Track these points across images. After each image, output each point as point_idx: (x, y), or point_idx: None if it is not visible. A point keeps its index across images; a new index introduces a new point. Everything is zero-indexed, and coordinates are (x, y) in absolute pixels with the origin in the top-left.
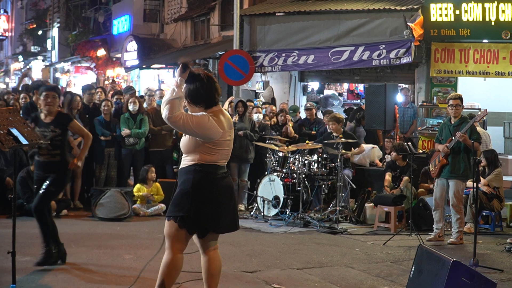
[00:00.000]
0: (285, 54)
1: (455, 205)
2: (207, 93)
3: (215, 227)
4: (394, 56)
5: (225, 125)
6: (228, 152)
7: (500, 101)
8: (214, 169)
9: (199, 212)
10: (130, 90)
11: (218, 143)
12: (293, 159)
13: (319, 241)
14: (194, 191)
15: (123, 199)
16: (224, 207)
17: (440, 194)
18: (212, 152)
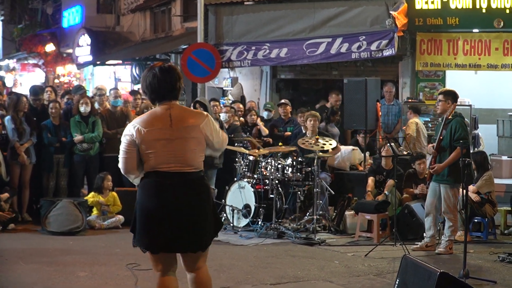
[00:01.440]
0: (255, 47)
1: (446, 212)
2: (153, 87)
3: (149, 246)
4: (376, 48)
5: (155, 123)
6: (170, 154)
7: (493, 97)
8: (151, 177)
9: (138, 229)
10: (79, 90)
11: (147, 144)
12: (265, 163)
13: (294, 253)
14: (137, 205)
15: (76, 210)
16: (163, 221)
17: (431, 199)
18: (148, 158)
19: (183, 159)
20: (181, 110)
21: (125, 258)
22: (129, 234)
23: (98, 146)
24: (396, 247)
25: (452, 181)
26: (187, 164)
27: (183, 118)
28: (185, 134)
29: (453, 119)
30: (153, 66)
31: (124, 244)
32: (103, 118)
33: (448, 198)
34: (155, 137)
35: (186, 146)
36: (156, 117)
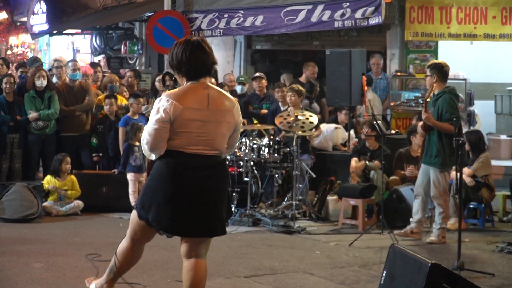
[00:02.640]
0: (228, 15)
1: (436, 198)
2: (187, 62)
3: (167, 228)
4: (361, 16)
5: (193, 102)
6: (202, 136)
7: (490, 70)
8: (176, 158)
9: (151, 208)
10: (35, 62)
11: (180, 122)
12: (239, 143)
13: (271, 242)
14: (150, 178)
15: (31, 195)
16: (185, 205)
17: (420, 180)
18: (175, 136)
19: (212, 142)
20: (218, 92)
21: (84, 247)
22: (89, 221)
23: (55, 124)
24: (384, 236)
25: (440, 164)
26: (214, 148)
27: (219, 100)
28: (220, 117)
29: (440, 96)
30: (188, 40)
31: (83, 232)
32: (60, 93)
33: (438, 181)
34: (191, 117)
35: (218, 130)
36: (194, 95)
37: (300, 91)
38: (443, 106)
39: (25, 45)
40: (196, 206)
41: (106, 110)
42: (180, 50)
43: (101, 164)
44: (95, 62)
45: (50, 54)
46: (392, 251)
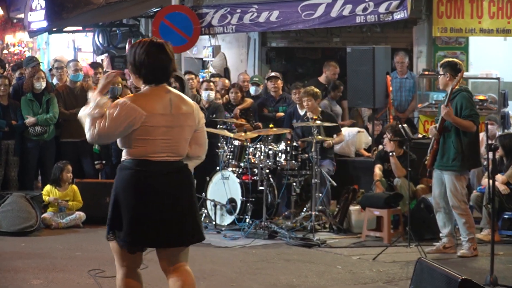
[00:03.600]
0: (241, 10)
1: (455, 206)
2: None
3: (141, 242)
4: (385, 11)
5: (157, 108)
6: (166, 143)
7: None
8: (141, 166)
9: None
10: (32, 62)
11: (145, 130)
12: (253, 149)
13: (289, 257)
14: (115, 194)
15: (28, 206)
16: (155, 215)
17: (438, 191)
18: (140, 144)
19: (176, 148)
20: (178, 95)
21: (86, 262)
22: (91, 234)
23: (54, 129)
24: (410, 249)
25: (459, 167)
26: (177, 154)
27: (181, 104)
28: (183, 121)
29: (457, 94)
30: (151, 41)
31: (86, 246)
32: (60, 95)
33: (455, 188)
34: (156, 124)
35: (182, 135)
36: (157, 100)
37: (316, 93)
38: (462, 102)
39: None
40: (167, 215)
41: None
42: (143, 50)
43: (104, 172)
44: (97, 62)
45: (49, 53)
46: (419, 265)
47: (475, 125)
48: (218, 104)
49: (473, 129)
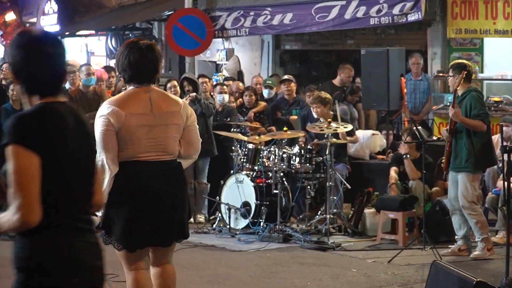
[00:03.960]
0: (254, 13)
1: (465, 206)
2: (137, 66)
3: (132, 242)
4: (399, 12)
5: (135, 107)
6: (151, 142)
7: None
8: (131, 168)
9: (115, 228)
10: None
11: (126, 130)
12: (268, 152)
13: (303, 260)
14: (109, 200)
15: None
16: (139, 214)
17: (453, 193)
18: (125, 146)
19: (164, 147)
20: (161, 93)
21: None
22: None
23: None
24: (426, 252)
25: (472, 167)
26: (167, 152)
27: (164, 102)
28: (167, 120)
29: (466, 95)
30: (135, 42)
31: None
32: (72, 99)
33: (465, 189)
34: (136, 123)
35: (168, 133)
36: (135, 100)
37: (325, 99)
38: (471, 101)
39: None
40: (154, 215)
41: None
42: (124, 51)
43: None
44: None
45: None
46: (434, 268)
47: (484, 124)
48: (231, 108)
49: (483, 129)
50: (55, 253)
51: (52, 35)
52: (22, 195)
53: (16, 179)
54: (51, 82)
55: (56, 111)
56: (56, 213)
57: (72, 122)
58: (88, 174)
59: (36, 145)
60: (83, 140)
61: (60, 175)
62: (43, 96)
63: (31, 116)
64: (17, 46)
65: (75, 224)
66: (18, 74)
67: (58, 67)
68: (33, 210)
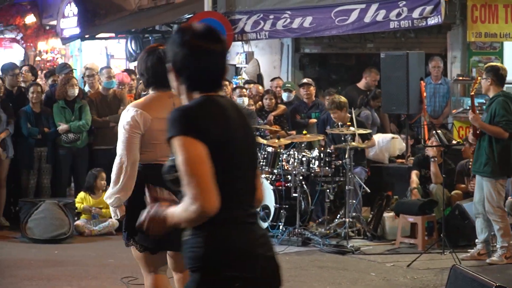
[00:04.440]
0: (274, 16)
1: (490, 212)
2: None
3: (152, 243)
4: (419, 16)
5: (160, 111)
6: None
7: None
8: (151, 170)
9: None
10: (64, 69)
11: (151, 134)
12: (287, 155)
13: (322, 264)
14: (131, 200)
15: (61, 213)
16: None
17: (478, 197)
18: (148, 149)
19: None
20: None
21: (119, 270)
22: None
23: (87, 136)
24: (445, 256)
25: (490, 173)
26: None
27: None
28: None
29: (495, 99)
30: (154, 47)
31: (118, 253)
32: (92, 102)
33: (490, 194)
34: (160, 127)
35: None
36: (159, 104)
37: (340, 103)
38: (496, 107)
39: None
40: None
41: None
42: (144, 58)
43: None
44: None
45: (82, 60)
46: (454, 272)
47: (505, 132)
48: (251, 111)
49: (503, 136)
50: (234, 247)
51: (213, 30)
52: (198, 184)
53: (189, 169)
54: (213, 78)
55: (219, 103)
56: (231, 206)
57: (234, 114)
58: (253, 166)
59: (203, 135)
60: (245, 132)
61: (230, 165)
62: (204, 92)
63: (196, 107)
64: (179, 44)
65: (247, 217)
66: (180, 71)
67: (220, 63)
68: (211, 199)
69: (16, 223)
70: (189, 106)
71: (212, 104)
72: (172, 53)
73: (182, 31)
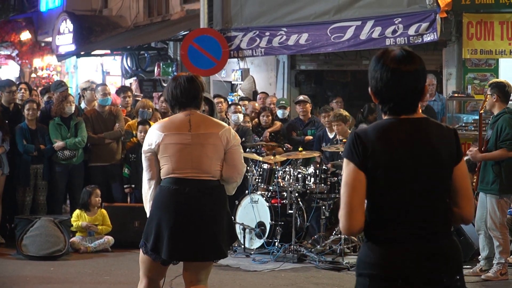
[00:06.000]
0: (270, 33)
1: (491, 229)
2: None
3: (160, 252)
4: (414, 33)
5: (173, 127)
6: (186, 159)
7: None
8: (168, 183)
9: (151, 238)
10: (60, 87)
11: (163, 148)
12: (283, 172)
13: (318, 280)
14: (151, 210)
15: (57, 231)
16: (177, 228)
17: (480, 213)
18: (165, 162)
19: (199, 165)
20: (202, 117)
21: (115, 287)
22: (120, 258)
23: (83, 153)
24: None
25: (497, 190)
26: (203, 171)
27: (203, 124)
28: (203, 140)
29: (500, 116)
30: (178, 76)
31: (114, 270)
32: (88, 119)
33: (493, 211)
34: (172, 141)
35: (202, 152)
36: (175, 122)
37: (345, 117)
38: (503, 125)
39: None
40: (190, 231)
41: (140, 137)
42: (168, 85)
43: (133, 196)
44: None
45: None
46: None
47: (509, 151)
48: (246, 128)
49: (508, 156)
50: (391, 260)
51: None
52: (343, 206)
53: (342, 190)
54: (408, 100)
55: (391, 127)
56: (388, 225)
57: (415, 137)
58: (428, 188)
59: (360, 161)
60: (422, 155)
61: (390, 190)
62: (399, 114)
63: (360, 133)
64: (379, 66)
65: (411, 236)
66: (377, 94)
67: (414, 84)
68: (351, 219)
69: (12, 240)
70: (358, 130)
71: (380, 129)
72: (373, 75)
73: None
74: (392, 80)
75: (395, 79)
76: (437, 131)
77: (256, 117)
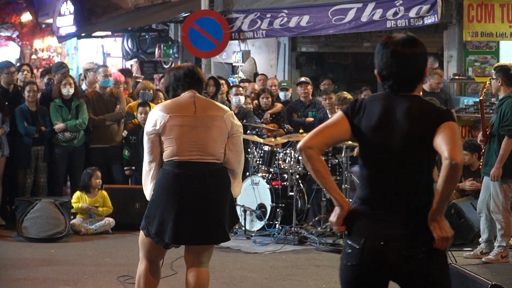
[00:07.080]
0: (271, 15)
1: (494, 212)
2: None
3: (164, 236)
4: (415, 15)
5: (178, 109)
6: (191, 141)
7: None
8: (172, 167)
9: (154, 221)
10: (61, 68)
11: (168, 130)
12: (283, 154)
13: (319, 262)
14: (154, 193)
15: (58, 212)
16: (181, 212)
17: (483, 196)
18: (168, 144)
19: (204, 147)
20: (206, 100)
21: (116, 269)
22: (120, 240)
23: (83, 135)
24: None
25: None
26: (208, 154)
27: (207, 107)
28: (208, 122)
29: (505, 101)
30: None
31: (115, 252)
32: (89, 101)
33: (496, 195)
34: (177, 123)
35: (208, 134)
36: (179, 103)
37: (349, 100)
38: (506, 109)
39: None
40: (194, 215)
41: (140, 119)
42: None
43: (133, 178)
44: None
45: (78, 59)
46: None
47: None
48: (248, 110)
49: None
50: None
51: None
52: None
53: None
54: (405, 80)
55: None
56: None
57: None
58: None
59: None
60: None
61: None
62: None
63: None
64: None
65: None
66: (380, 74)
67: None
68: (309, 139)
69: (12, 222)
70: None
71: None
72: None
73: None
74: (391, 60)
75: (394, 60)
76: (421, 108)
77: (256, 98)
